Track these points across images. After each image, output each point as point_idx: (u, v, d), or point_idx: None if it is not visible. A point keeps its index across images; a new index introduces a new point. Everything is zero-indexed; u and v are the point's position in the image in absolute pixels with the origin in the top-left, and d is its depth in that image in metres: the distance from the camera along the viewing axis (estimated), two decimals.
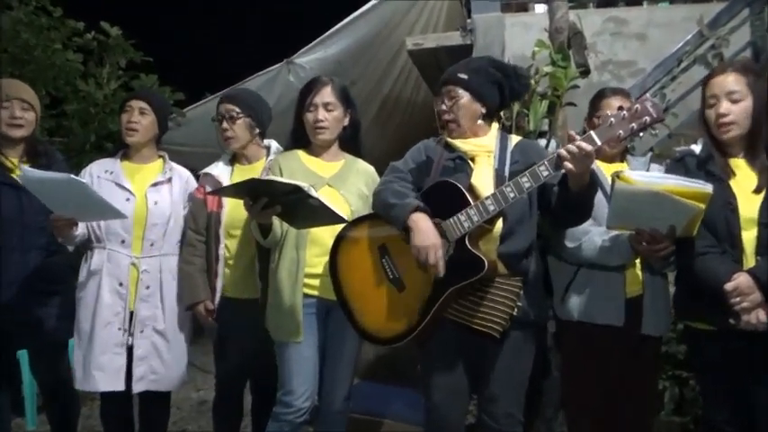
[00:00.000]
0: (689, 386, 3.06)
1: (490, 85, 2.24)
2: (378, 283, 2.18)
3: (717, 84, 2.10)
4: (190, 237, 2.65)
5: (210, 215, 2.63)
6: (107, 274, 2.59)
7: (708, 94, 2.13)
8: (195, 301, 2.60)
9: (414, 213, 2.06)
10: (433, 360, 2.20)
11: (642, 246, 2.11)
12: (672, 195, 1.93)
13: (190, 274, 2.61)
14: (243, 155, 2.71)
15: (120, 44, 4.73)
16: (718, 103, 2.09)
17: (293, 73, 4.91)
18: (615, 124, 1.91)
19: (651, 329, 2.33)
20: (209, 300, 2.60)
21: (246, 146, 2.69)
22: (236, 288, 2.60)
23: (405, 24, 5.00)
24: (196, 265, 2.62)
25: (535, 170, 1.98)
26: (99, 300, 2.57)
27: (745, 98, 2.07)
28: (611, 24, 4.45)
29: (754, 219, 2.04)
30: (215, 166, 2.71)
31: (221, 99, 2.75)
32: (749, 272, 2.00)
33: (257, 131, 2.69)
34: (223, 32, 8.71)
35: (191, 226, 2.66)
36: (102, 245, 2.61)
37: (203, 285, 2.60)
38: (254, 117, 2.68)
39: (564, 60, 3.19)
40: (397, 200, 2.12)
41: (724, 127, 2.09)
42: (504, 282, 2.09)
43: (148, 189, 2.67)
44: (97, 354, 2.55)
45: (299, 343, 2.35)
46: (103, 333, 2.56)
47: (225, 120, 2.66)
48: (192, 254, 2.63)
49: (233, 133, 2.65)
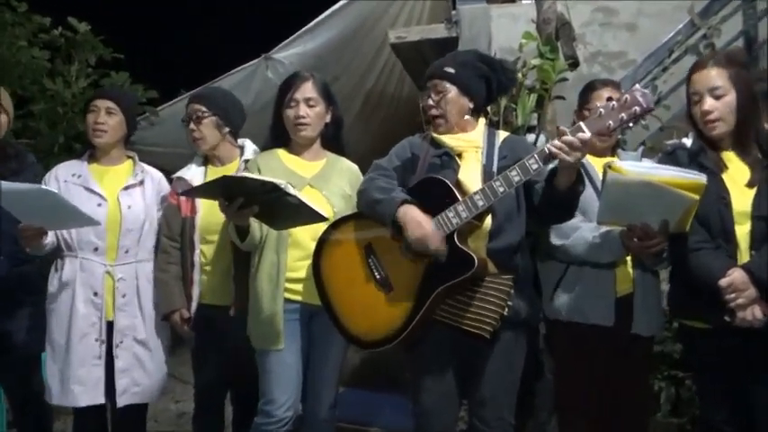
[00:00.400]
0: (685, 386, 3.10)
1: (477, 80, 2.25)
2: (364, 284, 2.18)
3: (698, 80, 2.12)
4: (164, 244, 2.64)
5: (185, 220, 2.62)
6: (81, 284, 2.57)
7: (691, 90, 2.15)
8: (171, 309, 2.59)
9: (402, 206, 2.07)
10: (423, 363, 2.20)
11: (634, 242, 2.13)
12: (666, 186, 1.94)
13: (165, 282, 2.60)
14: (215, 156, 2.70)
15: (89, 40, 4.69)
16: (702, 99, 2.11)
17: (272, 69, 4.90)
18: (605, 115, 1.92)
19: (642, 329, 2.35)
20: (185, 308, 2.59)
21: (217, 146, 2.68)
22: (214, 295, 2.59)
23: (387, 17, 5.00)
24: (171, 273, 2.61)
25: (524, 163, 1.99)
26: (73, 311, 2.55)
27: (728, 93, 2.09)
28: (601, 14, 4.49)
29: (747, 212, 2.06)
30: (187, 169, 2.70)
31: (189, 99, 2.75)
32: (744, 267, 2.02)
33: (227, 130, 2.68)
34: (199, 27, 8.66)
35: (165, 232, 2.65)
36: (74, 253, 2.59)
37: (179, 293, 2.59)
38: (223, 116, 2.66)
39: (552, 52, 3.22)
40: (382, 195, 2.12)
41: (710, 124, 2.11)
42: (495, 280, 2.10)
43: (120, 193, 2.65)
44: (75, 367, 2.53)
45: (280, 350, 2.34)
46: (80, 345, 2.54)
47: (192, 120, 2.65)
48: (166, 261, 2.62)
49: (200, 134, 2.65)
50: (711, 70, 2.10)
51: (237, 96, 2.89)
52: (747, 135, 2.12)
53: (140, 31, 8.09)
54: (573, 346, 2.39)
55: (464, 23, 4.32)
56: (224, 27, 8.42)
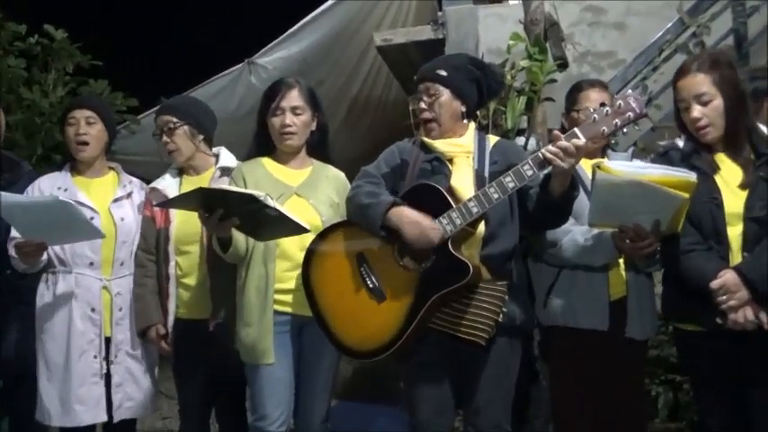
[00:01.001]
0: (683, 390, 3.12)
1: (469, 83, 2.27)
2: (356, 294, 2.18)
3: (684, 87, 2.14)
4: (140, 257, 2.62)
5: (159, 232, 2.60)
6: (78, 301, 2.56)
7: (678, 97, 2.17)
8: (147, 324, 2.57)
9: (392, 209, 2.08)
10: (418, 373, 2.21)
11: (626, 243, 2.14)
12: (655, 185, 1.96)
13: (141, 297, 2.59)
14: (190, 166, 2.68)
15: (66, 48, 4.67)
16: (690, 107, 2.13)
17: (255, 74, 4.91)
18: (599, 120, 1.96)
19: (636, 333, 2.37)
20: (161, 323, 2.57)
21: (193, 156, 2.66)
22: (192, 308, 2.56)
23: (372, 19, 5.03)
24: (147, 287, 2.59)
25: (519, 170, 2.01)
26: (71, 329, 2.54)
27: (714, 98, 2.10)
28: (589, 14, 4.53)
29: (739, 214, 2.07)
30: (162, 179, 2.68)
31: (158, 111, 2.72)
32: (735, 269, 2.03)
33: (200, 138, 2.66)
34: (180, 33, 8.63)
35: (140, 245, 2.63)
36: (68, 269, 2.58)
37: (155, 308, 2.57)
38: (195, 124, 2.64)
39: (541, 53, 3.24)
40: (370, 200, 2.13)
41: (701, 131, 2.13)
42: (489, 287, 2.11)
43: (111, 205, 2.65)
44: (76, 386, 2.52)
45: (270, 365, 2.34)
46: (80, 364, 2.54)
47: (164, 133, 2.63)
48: (143, 275, 2.61)
49: (175, 146, 2.62)
50: (696, 76, 2.12)
51: (221, 103, 2.92)
52: (739, 136, 2.14)
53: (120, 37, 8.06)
54: (567, 352, 2.41)
55: (451, 25, 4.35)
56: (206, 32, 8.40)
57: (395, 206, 2.09)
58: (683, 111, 2.16)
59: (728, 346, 2.09)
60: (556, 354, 2.50)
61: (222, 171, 2.62)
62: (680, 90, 2.16)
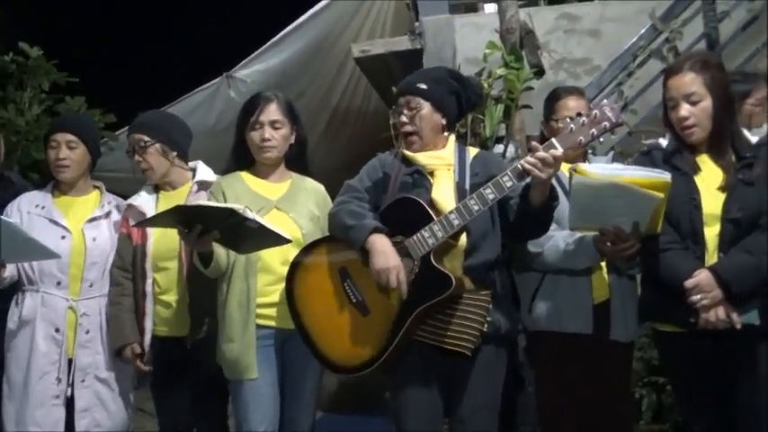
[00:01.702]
0: (666, 392, 3.14)
1: (449, 96, 2.27)
2: (340, 308, 2.17)
3: (674, 86, 2.16)
4: (115, 275, 2.59)
5: (136, 249, 2.57)
6: (41, 320, 2.52)
7: (666, 96, 2.19)
8: (122, 343, 2.53)
9: (371, 235, 2.08)
10: (404, 384, 2.19)
11: (607, 246, 2.16)
12: (631, 186, 1.98)
13: (116, 316, 2.55)
14: (165, 182, 2.65)
15: (42, 65, 4.63)
16: (678, 106, 2.15)
17: (234, 87, 4.90)
18: (576, 131, 1.98)
19: (620, 335, 2.38)
20: (137, 342, 2.53)
21: (167, 172, 2.63)
22: (171, 326, 2.54)
23: (350, 31, 5.05)
24: (123, 305, 2.55)
25: (498, 181, 2.02)
26: (33, 348, 2.50)
27: (703, 98, 2.12)
28: (564, 21, 4.58)
29: (717, 215, 2.10)
30: (138, 196, 2.65)
31: (130, 129, 2.69)
32: (710, 268, 2.06)
33: (174, 155, 2.63)
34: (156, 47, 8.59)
35: (116, 263, 2.59)
36: (36, 287, 2.55)
37: (131, 326, 2.53)
38: (167, 141, 2.61)
39: (517, 61, 3.27)
40: (354, 221, 2.13)
41: (687, 130, 2.15)
42: (473, 297, 2.11)
43: (85, 225, 2.61)
44: (33, 407, 2.47)
45: (254, 380, 2.32)
46: (39, 385, 2.49)
47: (135, 151, 2.60)
48: (119, 293, 2.57)
49: (147, 164, 2.60)
50: (686, 76, 2.14)
51: (199, 117, 2.90)
52: (723, 139, 2.16)
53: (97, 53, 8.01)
54: (553, 357, 2.41)
55: (428, 35, 4.37)
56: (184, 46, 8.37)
57: (375, 232, 2.08)
58: (671, 109, 2.17)
59: (707, 346, 2.11)
60: (541, 359, 2.50)
61: (200, 185, 2.60)
62: (669, 88, 2.17)
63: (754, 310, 2.07)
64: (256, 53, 4.95)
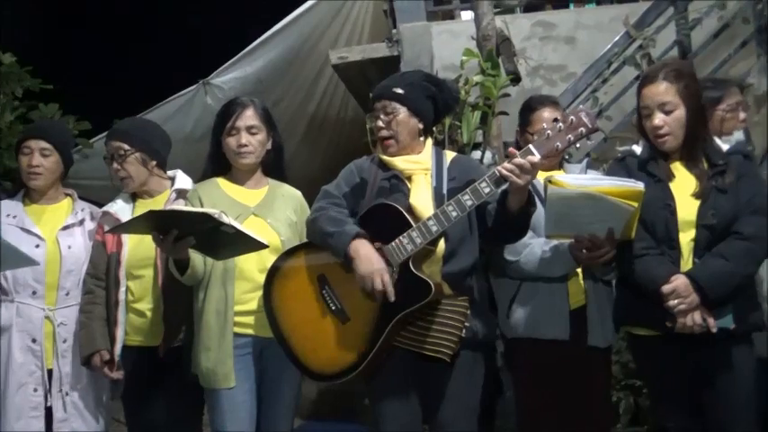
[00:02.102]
0: (643, 395, 3.17)
1: (425, 100, 2.28)
2: (319, 316, 2.16)
3: (648, 95, 2.20)
4: (88, 283, 2.55)
5: (110, 257, 2.53)
6: (18, 331, 2.48)
7: (641, 104, 2.23)
8: (91, 351, 2.48)
9: (354, 241, 2.07)
10: (383, 391, 2.19)
11: (583, 253, 2.20)
12: (605, 196, 2.02)
13: (86, 324, 2.50)
14: (143, 190, 2.62)
15: (15, 72, 4.57)
16: (652, 114, 2.19)
17: (210, 94, 4.87)
18: (552, 136, 1.99)
19: (597, 341, 2.40)
20: (106, 349, 2.48)
21: (145, 181, 2.60)
22: (144, 335, 2.50)
23: (327, 38, 5.04)
24: (94, 314, 2.51)
25: (476, 187, 2.03)
26: (10, 359, 2.47)
27: (677, 107, 2.17)
28: (540, 29, 4.62)
29: (691, 221, 2.14)
30: (114, 203, 2.61)
31: (108, 136, 2.65)
32: (687, 274, 2.10)
33: (154, 164, 2.60)
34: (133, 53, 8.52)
35: (89, 271, 2.55)
36: (10, 298, 2.51)
37: (101, 334, 2.49)
38: (148, 150, 2.58)
39: (494, 68, 3.30)
40: (334, 228, 2.12)
41: (660, 138, 2.19)
42: (451, 303, 2.12)
43: (59, 233, 2.58)
44: (11, 420, 2.43)
45: (231, 389, 2.30)
46: (17, 396, 2.45)
47: (114, 159, 2.57)
48: (90, 301, 2.53)
49: (126, 173, 2.56)
50: (661, 85, 2.18)
51: (176, 124, 2.87)
52: (696, 147, 2.20)
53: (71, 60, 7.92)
54: (531, 363, 2.42)
55: (405, 42, 4.38)
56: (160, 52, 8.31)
57: (357, 238, 2.08)
58: (646, 117, 2.21)
59: (681, 349, 2.15)
60: (519, 365, 2.51)
61: (178, 193, 2.57)
62: (644, 97, 2.21)
63: (728, 314, 2.11)
64: (233, 60, 4.93)
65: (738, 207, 2.13)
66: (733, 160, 2.19)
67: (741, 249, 2.10)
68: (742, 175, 2.17)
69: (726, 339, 2.12)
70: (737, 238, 2.11)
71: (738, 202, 2.13)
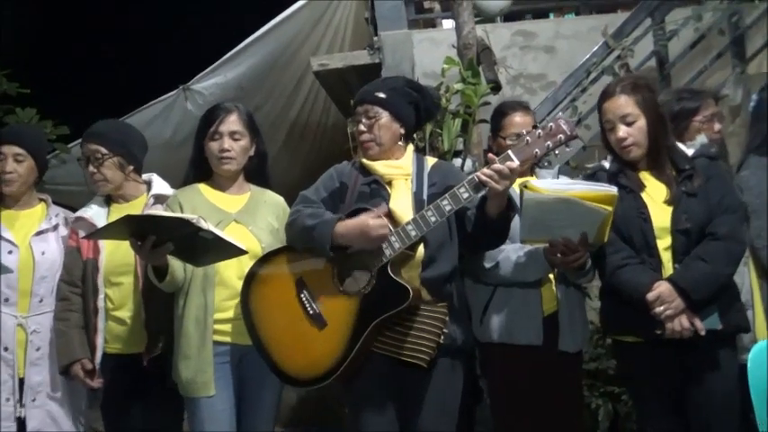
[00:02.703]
0: (622, 402, 3.20)
1: (407, 105, 2.29)
2: (297, 321, 2.16)
3: (609, 109, 2.26)
4: (63, 289, 2.50)
5: (86, 263, 2.49)
6: None
7: (603, 119, 2.29)
8: (70, 360, 2.44)
9: (338, 224, 2.07)
10: (361, 397, 2.18)
11: (557, 257, 2.23)
12: (579, 200, 2.06)
13: (63, 332, 2.46)
14: (118, 194, 2.59)
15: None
16: (615, 127, 2.25)
17: (191, 100, 4.85)
18: (531, 143, 2.01)
19: (568, 346, 2.42)
20: (87, 358, 2.45)
21: (121, 185, 2.57)
22: (124, 343, 2.47)
23: (309, 44, 5.05)
24: (71, 321, 2.47)
25: (455, 192, 2.04)
26: None
27: (638, 118, 2.23)
28: (520, 38, 4.66)
29: (667, 228, 2.19)
30: (88, 207, 2.57)
31: (84, 137, 2.60)
32: (669, 279, 2.15)
33: (131, 169, 2.57)
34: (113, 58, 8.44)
35: (63, 278, 2.52)
36: None
37: (79, 342, 2.45)
38: (125, 154, 2.55)
39: (474, 77, 3.31)
40: (315, 220, 2.12)
41: (625, 149, 2.25)
42: (430, 309, 2.12)
43: (32, 238, 2.54)
44: None
45: (210, 397, 2.28)
46: None
47: (90, 162, 2.53)
48: (66, 308, 2.49)
49: (101, 176, 2.52)
50: (620, 98, 2.25)
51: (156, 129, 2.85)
52: (661, 155, 2.26)
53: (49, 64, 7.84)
54: (505, 368, 2.44)
55: (387, 49, 4.39)
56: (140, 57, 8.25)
57: (340, 222, 2.08)
58: (609, 131, 2.27)
59: (668, 353, 2.18)
60: (494, 370, 2.53)
61: (156, 198, 2.54)
62: (605, 112, 2.27)
63: (714, 314, 2.15)
64: (214, 65, 4.92)
65: (710, 209, 2.18)
66: (699, 164, 2.25)
67: (719, 250, 2.15)
68: (710, 177, 2.23)
69: (712, 341, 2.16)
70: (713, 239, 2.16)
71: (710, 203, 2.19)
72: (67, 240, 2.56)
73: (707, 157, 2.28)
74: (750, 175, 2.47)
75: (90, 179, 2.56)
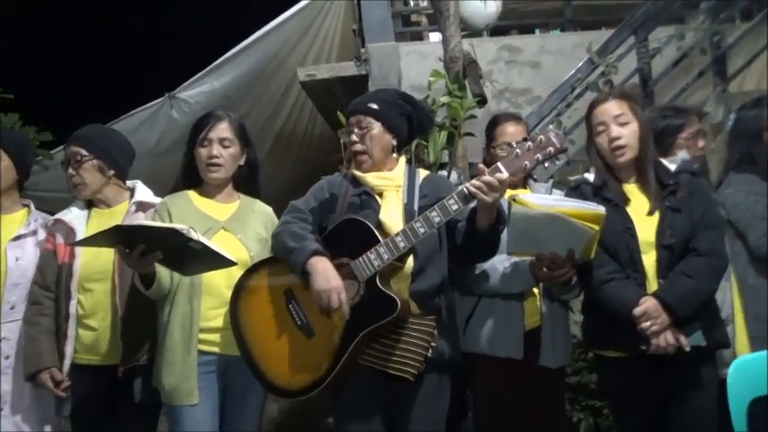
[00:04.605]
0: (603, 416, 3.21)
1: (400, 117, 2.29)
2: (284, 331, 2.15)
3: (602, 111, 2.28)
4: (35, 293, 2.45)
5: (61, 267, 2.44)
6: None
7: (595, 122, 2.29)
8: (38, 368, 2.38)
9: (312, 257, 2.06)
10: (348, 409, 2.17)
11: (543, 271, 2.23)
12: (567, 218, 2.07)
13: (33, 338, 2.40)
14: (99, 199, 2.55)
15: None
16: (608, 128, 2.25)
17: (176, 108, 4.83)
18: (521, 155, 2.02)
19: (549, 362, 2.42)
20: (56, 367, 2.38)
21: (100, 189, 2.53)
22: (94, 353, 2.41)
23: (296, 55, 5.06)
24: (42, 326, 2.41)
25: (444, 204, 2.04)
26: None
27: (631, 121, 2.25)
28: (506, 52, 4.71)
29: (651, 242, 2.19)
30: (68, 211, 2.53)
31: (68, 141, 2.57)
32: (655, 295, 2.15)
33: (111, 173, 2.53)
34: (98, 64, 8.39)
35: (37, 281, 2.46)
36: None
37: (49, 350, 2.39)
38: (106, 158, 2.51)
39: (460, 90, 3.34)
40: (295, 243, 2.11)
41: (618, 150, 2.25)
42: (418, 321, 2.11)
43: (8, 244, 2.49)
44: None
45: (194, 406, 2.25)
46: None
47: (70, 165, 2.50)
48: (37, 313, 2.42)
49: (80, 179, 2.48)
50: (612, 102, 2.27)
51: (141, 137, 2.82)
52: (647, 164, 2.26)
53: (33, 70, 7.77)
54: (488, 380, 2.45)
55: (374, 61, 4.42)
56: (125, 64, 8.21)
57: (316, 255, 2.07)
58: (601, 133, 2.27)
59: (651, 368, 2.18)
60: (477, 382, 2.52)
61: (138, 206, 2.51)
62: (597, 115, 2.28)
63: (698, 331, 2.16)
64: (200, 74, 4.91)
65: (693, 224, 2.19)
66: (682, 179, 2.26)
67: (702, 266, 2.15)
68: (693, 193, 2.23)
69: (694, 356, 2.17)
70: (696, 254, 2.17)
71: (693, 219, 2.20)
72: (44, 243, 2.51)
73: (689, 172, 2.30)
74: (735, 192, 2.48)
75: (69, 181, 2.52)
